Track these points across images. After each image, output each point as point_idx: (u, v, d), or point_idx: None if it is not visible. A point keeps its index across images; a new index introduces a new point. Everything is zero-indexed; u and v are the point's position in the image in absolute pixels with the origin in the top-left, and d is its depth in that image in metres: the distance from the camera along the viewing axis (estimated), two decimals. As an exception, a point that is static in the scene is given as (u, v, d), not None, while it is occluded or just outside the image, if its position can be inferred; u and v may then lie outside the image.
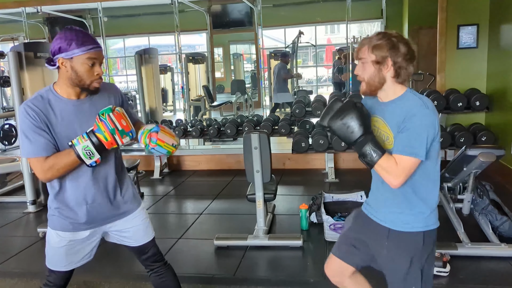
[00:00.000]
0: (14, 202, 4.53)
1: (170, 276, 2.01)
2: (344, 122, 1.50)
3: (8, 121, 6.39)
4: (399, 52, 1.51)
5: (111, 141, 1.59)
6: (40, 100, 1.61)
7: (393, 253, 1.62)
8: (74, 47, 1.55)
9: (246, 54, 10.56)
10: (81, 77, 1.59)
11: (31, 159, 1.61)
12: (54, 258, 1.81)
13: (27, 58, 4.07)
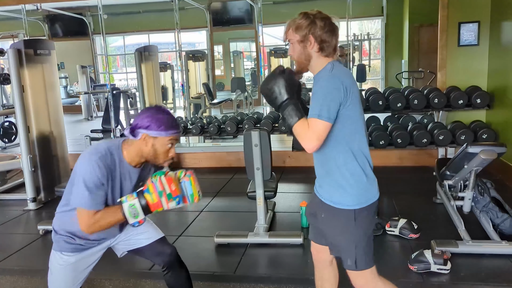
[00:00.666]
0: (14, 199, 4.52)
1: (185, 276, 2.04)
2: (269, 87, 1.62)
3: (8, 119, 6.38)
4: (317, 26, 1.60)
5: (157, 203, 1.63)
6: (108, 158, 1.65)
7: (327, 227, 1.73)
8: (163, 129, 1.65)
9: (246, 51, 10.54)
10: (158, 155, 1.69)
11: (83, 210, 1.62)
12: (61, 281, 1.82)
13: (27, 55, 4.07)
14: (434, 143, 4.16)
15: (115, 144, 1.70)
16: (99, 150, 1.64)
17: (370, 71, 8.62)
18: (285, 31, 1.68)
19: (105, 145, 1.68)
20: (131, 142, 1.70)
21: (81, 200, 1.61)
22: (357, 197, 1.65)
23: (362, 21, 9.26)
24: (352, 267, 1.70)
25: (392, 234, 3.13)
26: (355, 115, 1.62)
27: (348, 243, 1.69)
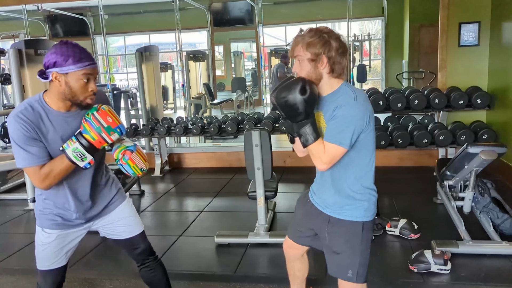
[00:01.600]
0: (15, 199, 4.53)
1: (160, 270, 2.04)
2: (288, 102, 1.56)
3: (9, 119, 6.39)
4: (332, 47, 1.57)
5: (98, 139, 1.59)
6: (30, 111, 1.58)
7: (333, 239, 1.74)
8: (71, 63, 1.52)
9: (247, 52, 10.54)
10: (75, 92, 1.57)
11: (27, 168, 1.59)
12: (43, 257, 1.82)
13: (27, 55, 4.07)
14: (434, 144, 4.16)
15: (35, 97, 1.63)
16: (19, 107, 1.60)
17: (370, 71, 8.62)
18: (292, 47, 1.62)
19: (24, 102, 1.63)
20: (49, 88, 1.60)
21: (20, 160, 1.57)
22: (367, 211, 1.71)
23: (363, 22, 9.26)
24: (352, 279, 1.72)
25: (393, 234, 3.14)
26: (372, 138, 1.67)
27: (352, 254, 1.72)
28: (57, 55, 1.52)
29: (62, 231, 1.79)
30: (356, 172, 1.68)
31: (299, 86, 1.54)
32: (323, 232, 1.78)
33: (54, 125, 1.61)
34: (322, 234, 1.79)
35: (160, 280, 2.04)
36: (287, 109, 1.57)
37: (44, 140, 1.60)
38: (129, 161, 1.66)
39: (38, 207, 1.79)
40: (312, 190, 1.88)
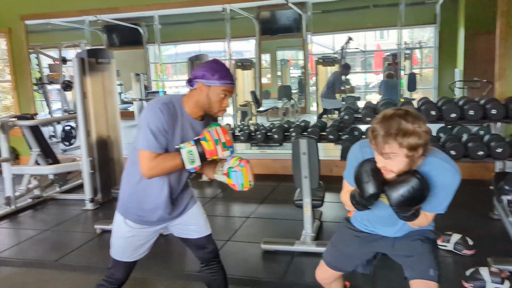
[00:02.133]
0: (74, 199, 4.79)
1: (221, 275, 2.11)
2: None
3: (69, 123, 6.77)
4: (428, 141, 1.47)
5: (213, 150, 1.72)
6: (171, 107, 1.74)
7: (419, 247, 1.78)
8: (216, 78, 1.73)
9: (293, 60, 10.57)
10: (212, 104, 1.76)
11: (145, 152, 1.70)
12: (120, 248, 1.92)
13: (89, 64, 4.32)
14: (491, 156, 3.97)
15: (177, 96, 1.80)
16: (162, 99, 1.75)
17: (421, 80, 8.38)
18: (382, 144, 1.45)
19: (168, 96, 1.79)
20: (190, 94, 1.78)
21: (145, 142, 1.70)
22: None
23: (413, 29, 9.04)
24: (435, 278, 1.70)
25: (445, 249, 3.03)
26: None
27: (432, 254, 1.76)
28: (207, 69, 1.74)
29: (142, 228, 1.89)
30: None
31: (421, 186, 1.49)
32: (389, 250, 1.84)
33: (182, 126, 1.77)
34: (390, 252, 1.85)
35: (219, 285, 2.12)
36: (406, 205, 1.54)
37: (171, 135, 1.74)
38: (244, 169, 1.80)
39: (125, 195, 1.88)
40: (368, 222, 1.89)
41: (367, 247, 1.90)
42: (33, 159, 4.82)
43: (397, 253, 1.83)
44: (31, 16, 6.17)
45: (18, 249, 3.55)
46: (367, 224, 1.88)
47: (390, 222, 1.78)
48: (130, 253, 1.93)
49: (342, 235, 1.99)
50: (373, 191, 1.54)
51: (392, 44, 7.89)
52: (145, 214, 1.86)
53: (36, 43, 6.63)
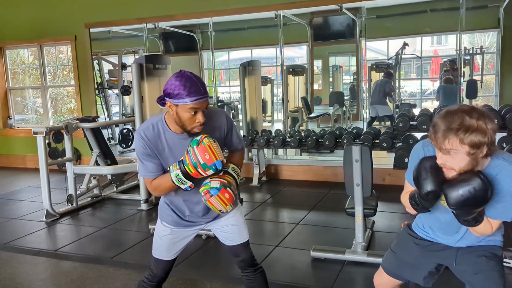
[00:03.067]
0: (130, 199, 5.00)
1: (259, 282, 2.08)
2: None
3: (126, 126, 7.08)
4: (492, 140, 1.38)
5: (195, 173, 1.70)
6: (151, 131, 1.78)
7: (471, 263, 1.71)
8: (181, 96, 1.65)
9: (346, 66, 10.42)
10: (183, 122, 1.72)
11: (143, 179, 1.87)
12: (159, 247, 2.02)
13: (147, 69, 4.50)
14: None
15: (158, 117, 1.81)
16: (143, 125, 1.82)
17: (482, 87, 7.96)
18: (443, 138, 1.39)
19: (149, 120, 1.83)
20: (168, 113, 1.76)
21: (139, 170, 1.86)
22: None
23: (474, 34, 8.62)
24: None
25: (508, 266, 2.85)
26: None
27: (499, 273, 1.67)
28: (172, 87, 1.66)
29: (175, 228, 1.97)
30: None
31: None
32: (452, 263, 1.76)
33: (169, 144, 1.80)
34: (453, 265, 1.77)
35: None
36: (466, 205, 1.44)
37: (160, 157, 1.80)
38: (207, 202, 1.75)
39: (160, 201, 2.01)
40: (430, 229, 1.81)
41: (428, 256, 1.80)
42: (94, 159, 5.09)
43: (460, 268, 1.72)
44: (94, 24, 6.54)
45: (78, 244, 3.75)
46: (429, 231, 1.80)
47: (451, 229, 1.68)
48: (166, 252, 2.01)
49: (401, 241, 1.91)
50: (431, 188, 1.46)
51: (451, 50, 7.56)
52: (176, 216, 1.95)
53: (98, 49, 7.01)
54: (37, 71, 7.57)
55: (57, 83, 8.13)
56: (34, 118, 8.17)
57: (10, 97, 7.58)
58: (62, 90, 8.49)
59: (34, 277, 3.16)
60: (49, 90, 7.54)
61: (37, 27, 6.86)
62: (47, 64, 7.56)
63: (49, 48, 7.53)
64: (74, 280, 3.05)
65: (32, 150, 6.86)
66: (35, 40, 6.99)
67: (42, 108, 7.63)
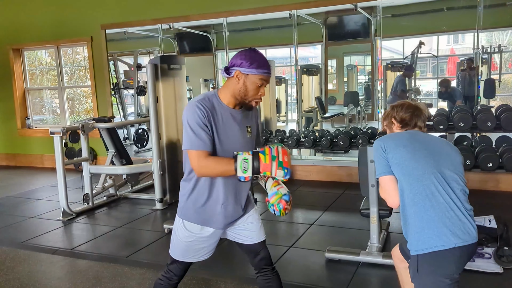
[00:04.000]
0: (144, 199, 5.04)
1: (276, 281, 2.06)
2: None
3: (141, 126, 7.15)
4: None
5: (268, 164, 1.70)
6: (207, 101, 1.79)
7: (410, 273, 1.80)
8: (254, 67, 1.74)
9: (360, 65, 10.33)
10: (248, 92, 1.78)
11: (191, 152, 1.75)
12: (179, 250, 1.97)
13: (162, 69, 4.53)
14: None
15: (211, 92, 1.84)
16: (197, 97, 1.80)
17: (500, 86, 7.81)
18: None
19: (202, 94, 1.83)
20: (226, 84, 1.82)
21: (188, 142, 1.74)
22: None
23: (492, 32, 8.46)
24: None
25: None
26: (398, 164, 1.79)
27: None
28: (245, 58, 1.75)
29: (202, 229, 1.91)
30: (405, 200, 1.79)
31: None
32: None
33: (223, 117, 1.80)
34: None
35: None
36: None
37: (214, 128, 1.77)
38: (282, 210, 1.78)
39: (181, 201, 1.94)
40: None
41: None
42: (109, 159, 5.14)
43: None
44: (110, 25, 6.62)
45: (93, 243, 3.80)
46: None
47: None
48: (192, 255, 1.97)
49: None
50: None
51: (468, 49, 7.43)
52: (203, 212, 1.88)
53: (114, 50, 7.08)
54: (54, 72, 7.69)
55: (73, 83, 8.25)
56: (51, 118, 8.31)
57: (28, 98, 7.72)
58: (79, 91, 8.62)
59: (51, 275, 3.20)
60: (66, 91, 7.65)
61: (54, 29, 6.97)
62: (64, 65, 7.68)
63: (66, 49, 7.65)
64: (89, 279, 3.08)
65: (49, 150, 6.98)
66: (52, 41, 7.10)
67: (59, 109, 7.75)
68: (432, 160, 1.76)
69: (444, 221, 1.66)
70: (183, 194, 1.94)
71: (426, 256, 1.67)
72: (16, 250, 3.66)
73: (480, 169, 4.19)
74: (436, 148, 1.82)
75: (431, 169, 1.73)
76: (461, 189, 1.74)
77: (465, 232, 1.67)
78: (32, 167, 7.36)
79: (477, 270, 2.84)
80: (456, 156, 1.83)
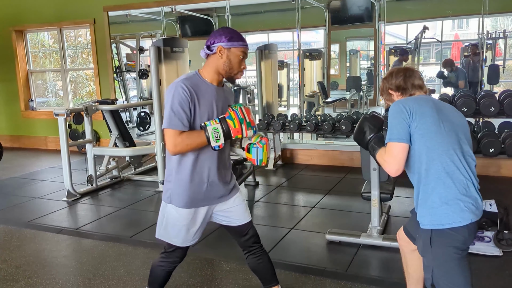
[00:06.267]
0: (148, 181, 5.09)
1: (266, 258, 2.14)
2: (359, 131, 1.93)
3: (144, 109, 7.16)
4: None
5: (238, 128, 1.78)
6: (190, 80, 1.83)
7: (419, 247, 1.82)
8: (235, 40, 1.83)
9: (363, 50, 10.27)
10: (232, 65, 1.85)
11: (168, 130, 1.78)
12: (180, 237, 1.99)
13: (165, 52, 4.52)
14: None
15: (192, 72, 1.90)
16: (181, 77, 1.85)
17: (504, 72, 7.78)
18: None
19: (184, 74, 1.89)
20: (208, 62, 1.88)
21: (166, 121, 1.78)
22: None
23: (497, 18, 8.39)
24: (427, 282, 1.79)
25: None
26: (423, 131, 1.72)
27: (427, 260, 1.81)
28: (225, 33, 1.83)
29: (193, 211, 1.94)
30: (424, 171, 1.76)
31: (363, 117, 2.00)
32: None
33: (205, 94, 1.85)
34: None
35: (265, 267, 2.15)
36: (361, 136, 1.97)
37: (198, 105, 1.81)
38: (265, 146, 1.87)
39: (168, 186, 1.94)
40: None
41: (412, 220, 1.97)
42: (112, 141, 5.18)
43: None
44: (113, 7, 6.57)
45: (98, 224, 3.86)
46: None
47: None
48: (191, 238, 2.00)
49: None
50: None
51: (472, 34, 7.38)
52: (191, 192, 1.89)
53: (116, 33, 7.05)
54: (57, 54, 7.68)
55: (76, 66, 8.23)
56: (54, 100, 8.32)
57: (31, 80, 7.72)
58: (81, 73, 8.60)
59: (57, 253, 3.27)
60: (69, 73, 7.64)
61: (57, 11, 6.93)
62: (67, 47, 7.65)
63: (68, 31, 7.61)
64: (95, 257, 3.14)
65: (53, 132, 7.01)
66: (55, 23, 7.07)
67: (62, 91, 7.76)
68: (454, 134, 1.73)
69: (462, 198, 1.67)
70: (169, 178, 1.94)
71: (440, 231, 1.69)
72: (22, 229, 3.72)
73: (482, 154, 4.21)
74: (455, 120, 1.78)
75: (454, 145, 1.71)
76: (475, 164, 1.77)
77: (478, 207, 1.71)
78: (36, 149, 7.41)
79: (477, 252, 2.89)
80: (467, 124, 1.84)
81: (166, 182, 1.97)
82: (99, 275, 2.86)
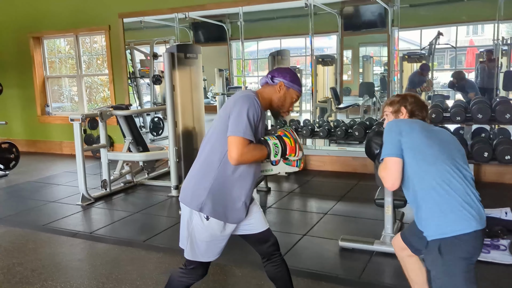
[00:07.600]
0: (160, 186, 5.13)
1: (285, 267, 2.14)
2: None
3: (157, 115, 7.22)
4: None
5: (293, 147, 1.88)
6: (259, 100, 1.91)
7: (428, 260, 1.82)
8: (295, 83, 2.00)
9: (376, 56, 10.23)
10: (285, 103, 2.00)
11: (238, 138, 1.77)
12: (207, 252, 1.98)
13: (178, 58, 4.56)
14: None
15: (252, 92, 1.94)
16: (251, 93, 1.91)
17: (520, 78, 7.66)
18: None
19: (251, 92, 1.94)
20: (266, 89, 1.99)
21: (240, 128, 1.77)
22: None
23: (513, 23, 8.29)
24: None
25: None
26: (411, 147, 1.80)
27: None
28: (290, 74, 2.00)
29: (225, 226, 1.91)
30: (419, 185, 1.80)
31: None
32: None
33: (262, 117, 1.93)
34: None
35: (284, 277, 2.14)
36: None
37: (259, 125, 1.88)
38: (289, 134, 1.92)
39: (201, 194, 1.87)
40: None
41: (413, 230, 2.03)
42: (126, 146, 5.23)
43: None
44: (128, 14, 6.67)
45: (111, 228, 3.89)
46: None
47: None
48: (216, 254, 2.02)
49: None
50: None
51: (487, 40, 7.30)
52: (229, 209, 1.89)
53: (130, 39, 7.15)
54: (73, 60, 7.81)
55: (91, 72, 8.36)
56: (69, 106, 8.45)
57: (48, 85, 7.86)
58: (96, 79, 8.74)
59: (71, 257, 3.30)
60: (84, 79, 7.76)
61: (73, 18, 7.05)
62: (82, 53, 7.78)
63: (83, 38, 7.74)
64: (109, 261, 3.17)
65: (68, 136, 7.12)
66: (71, 30, 7.20)
67: (78, 96, 7.87)
68: (445, 147, 1.81)
69: (464, 206, 1.69)
70: (205, 186, 1.87)
71: (448, 240, 1.69)
72: (38, 233, 3.77)
73: (497, 161, 4.15)
74: (445, 138, 1.89)
75: (445, 155, 1.77)
76: (471, 176, 1.80)
77: (482, 217, 1.72)
78: (51, 153, 7.52)
79: (492, 261, 2.84)
80: (462, 148, 1.90)
81: (198, 189, 1.89)
82: (113, 278, 2.89)
